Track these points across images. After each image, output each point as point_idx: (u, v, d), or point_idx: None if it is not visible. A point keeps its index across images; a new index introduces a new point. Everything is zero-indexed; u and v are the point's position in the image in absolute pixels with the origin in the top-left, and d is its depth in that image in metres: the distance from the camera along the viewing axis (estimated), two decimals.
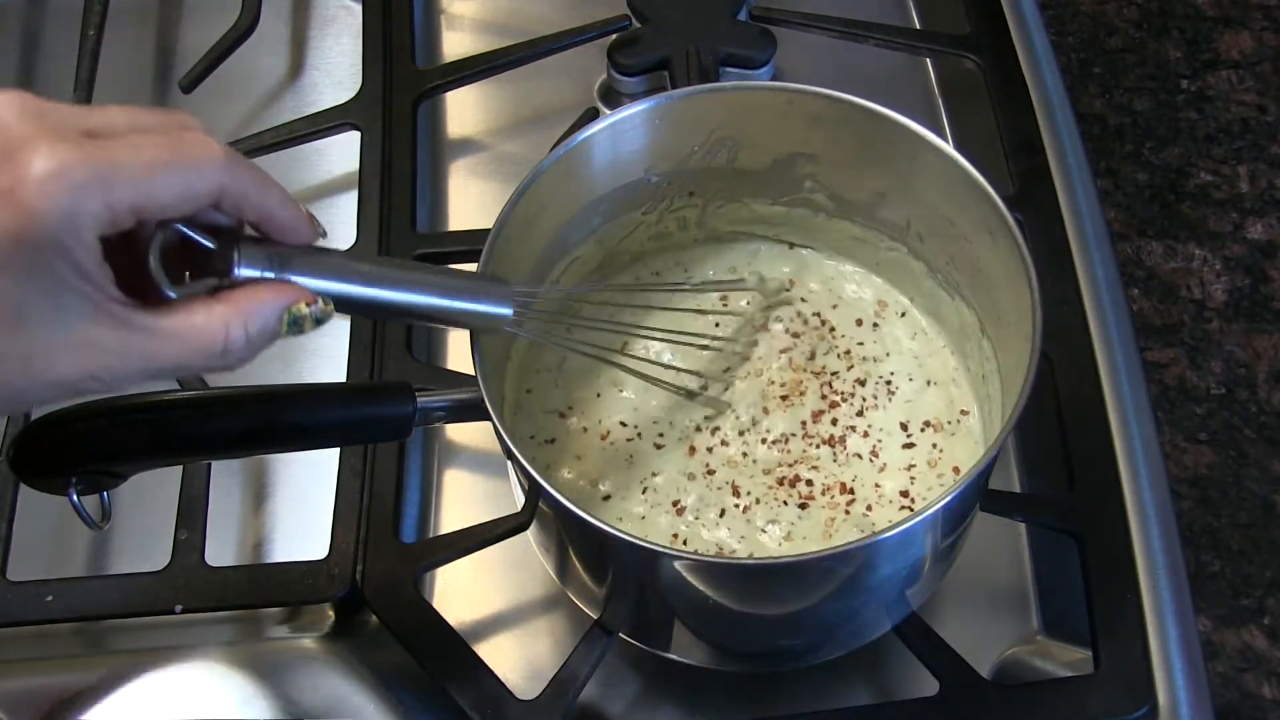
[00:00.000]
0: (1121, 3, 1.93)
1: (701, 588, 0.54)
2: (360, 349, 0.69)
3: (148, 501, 0.67)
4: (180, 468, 0.66)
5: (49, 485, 0.49)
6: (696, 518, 0.61)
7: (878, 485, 0.62)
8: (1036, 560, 0.67)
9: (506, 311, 0.54)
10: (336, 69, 0.86)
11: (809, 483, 0.62)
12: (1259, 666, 1.41)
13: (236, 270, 0.45)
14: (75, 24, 0.81)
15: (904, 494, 0.62)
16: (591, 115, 0.78)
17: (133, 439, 0.50)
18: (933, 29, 0.86)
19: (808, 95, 0.61)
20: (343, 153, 0.81)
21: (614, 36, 0.82)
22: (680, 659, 0.61)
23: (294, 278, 0.47)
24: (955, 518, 0.57)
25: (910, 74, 0.85)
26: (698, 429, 0.64)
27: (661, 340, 0.66)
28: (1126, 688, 0.58)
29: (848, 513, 0.61)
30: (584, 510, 0.51)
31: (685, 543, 0.61)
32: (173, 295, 0.44)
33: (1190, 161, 1.77)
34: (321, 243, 0.48)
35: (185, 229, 0.46)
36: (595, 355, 0.63)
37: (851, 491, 0.62)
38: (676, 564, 0.52)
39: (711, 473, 0.63)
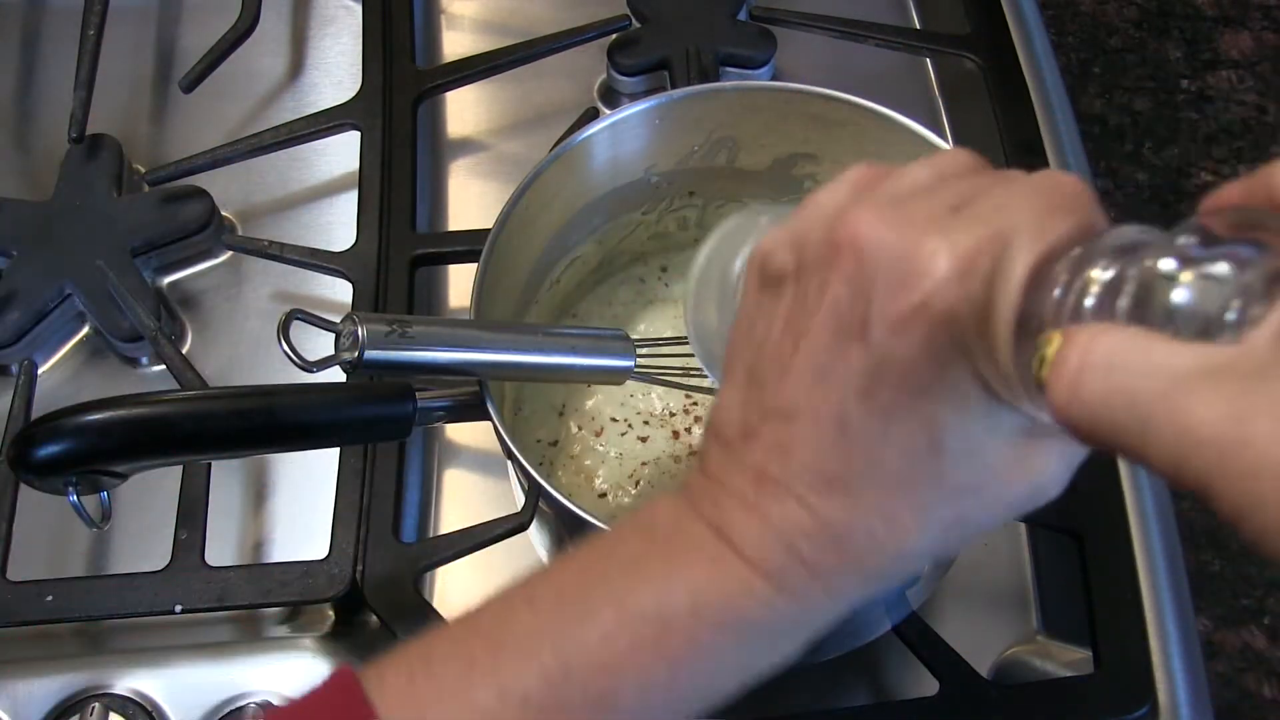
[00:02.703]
0: (1121, 3, 1.93)
1: None
2: None
3: (148, 501, 0.67)
4: (180, 468, 0.66)
5: (49, 485, 0.49)
6: None
7: None
8: (1036, 560, 0.67)
9: (630, 364, 0.57)
10: (336, 69, 0.86)
11: None
12: (1259, 666, 1.41)
13: (364, 350, 0.48)
14: (75, 24, 0.81)
15: None
16: (591, 115, 0.78)
17: (133, 439, 0.50)
18: (933, 29, 0.86)
19: (808, 95, 0.61)
20: (343, 153, 0.81)
21: (614, 36, 0.82)
22: None
23: (419, 351, 0.50)
24: None
25: (910, 74, 0.85)
26: (672, 414, 0.64)
27: None
28: (1126, 688, 0.58)
29: None
30: (583, 509, 0.51)
31: None
32: (314, 371, 0.48)
33: (1190, 161, 1.77)
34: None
35: (303, 315, 0.50)
36: (690, 387, 0.64)
37: None
38: None
39: (694, 453, 0.63)
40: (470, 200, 0.81)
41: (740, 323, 0.38)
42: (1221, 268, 0.28)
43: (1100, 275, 0.30)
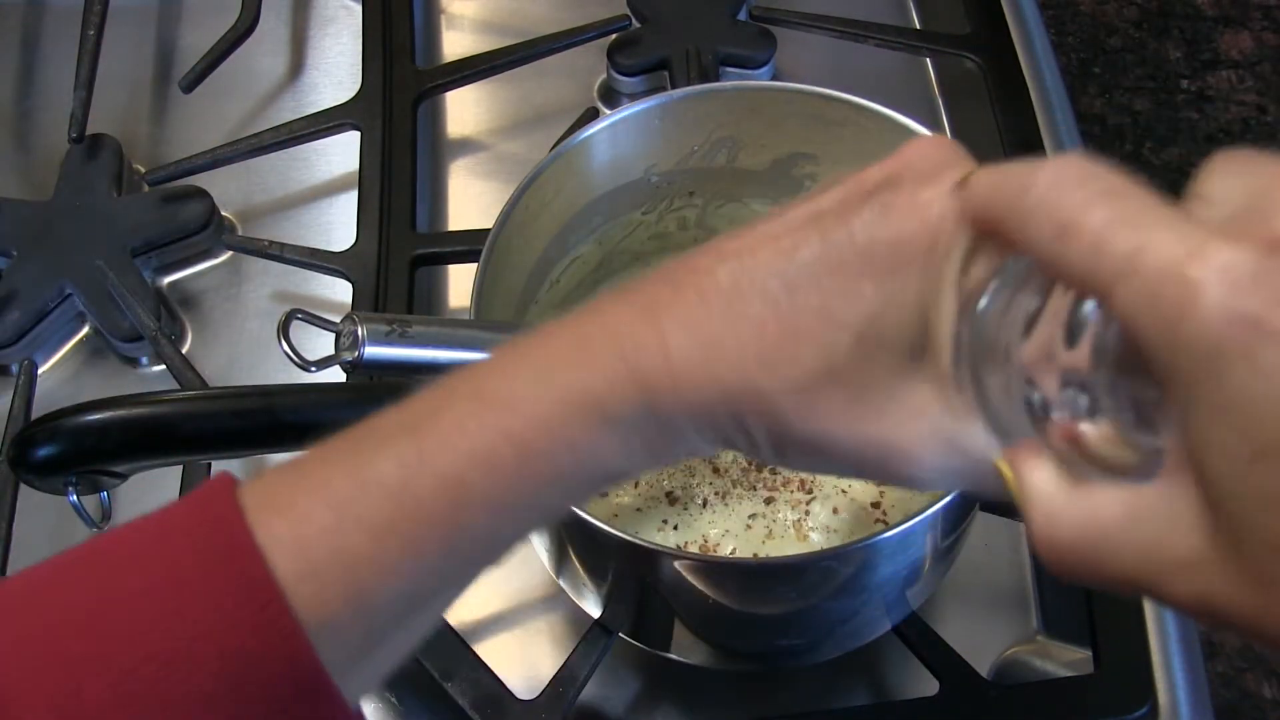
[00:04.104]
0: (1121, 3, 1.93)
1: (701, 587, 0.54)
2: None
3: (148, 501, 0.66)
4: (180, 468, 0.66)
5: (48, 485, 0.49)
6: (686, 508, 0.61)
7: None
8: (1037, 560, 0.67)
9: None
10: (336, 69, 0.86)
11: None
12: (1259, 666, 1.41)
13: (364, 349, 0.48)
14: (75, 24, 0.81)
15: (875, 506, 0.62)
16: (591, 115, 0.78)
17: (133, 439, 0.50)
18: (933, 29, 0.86)
19: (808, 95, 0.61)
20: (343, 153, 0.81)
21: (614, 36, 0.82)
22: (680, 659, 0.61)
23: (419, 350, 0.49)
24: (955, 517, 0.57)
25: (910, 74, 0.85)
26: None
27: None
28: (1126, 687, 0.58)
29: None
30: (583, 509, 0.51)
31: (675, 529, 0.61)
32: (314, 370, 0.48)
33: (1190, 161, 1.77)
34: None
35: (303, 314, 0.50)
36: None
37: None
38: (676, 564, 0.52)
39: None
40: (470, 200, 0.81)
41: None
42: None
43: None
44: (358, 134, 0.78)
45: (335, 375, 0.53)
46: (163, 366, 0.71)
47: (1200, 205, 0.29)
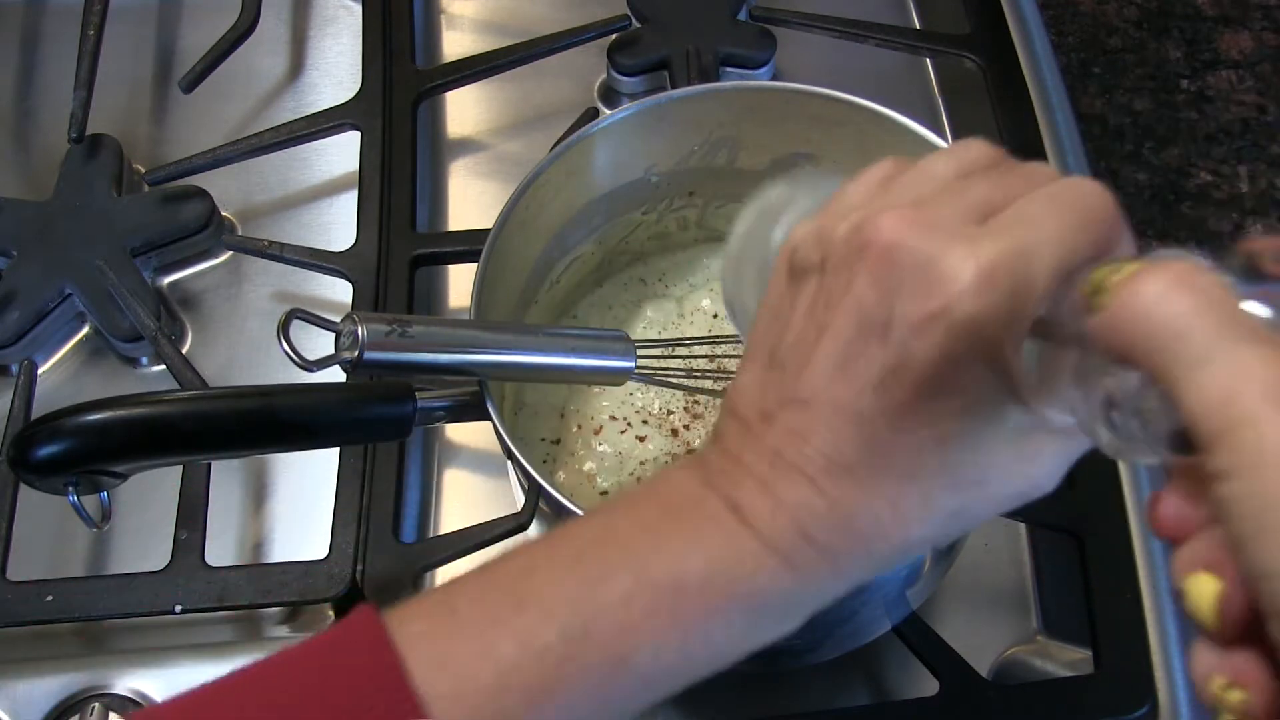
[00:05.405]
0: (1121, 3, 1.92)
1: None
2: None
3: (148, 501, 0.67)
4: (180, 468, 0.66)
5: (49, 485, 0.49)
6: None
7: None
8: (1036, 560, 0.67)
9: (630, 364, 0.57)
10: (336, 69, 0.86)
11: None
12: None
13: (364, 349, 0.49)
14: (75, 24, 0.81)
15: None
16: (591, 115, 0.78)
17: (133, 439, 0.50)
18: (933, 29, 0.86)
19: (808, 95, 0.61)
20: (343, 153, 0.81)
21: (614, 36, 0.82)
22: None
23: (419, 351, 0.50)
24: None
25: (910, 74, 0.85)
26: (670, 413, 0.65)
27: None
28: (1126, 687, 0.58)
29: None
30: (584, 510, 0.51)
31: None
32: (314, 370, 0.49)
33: (1190, 161, 1.77)
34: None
35: (303, 314, 0.50)
36: (691, 388, 0.64)
37: None
38: None
39: (691, 452, 0.63)
40: (470, 200, 0.81)
41: (765, 308, 0.40)
42: (1255, 307, 0.29)
43: None
44: (358, 134, 0.78)
45: (335, 375, 0.53)
46: (163, 366, 0.71)
47: None
